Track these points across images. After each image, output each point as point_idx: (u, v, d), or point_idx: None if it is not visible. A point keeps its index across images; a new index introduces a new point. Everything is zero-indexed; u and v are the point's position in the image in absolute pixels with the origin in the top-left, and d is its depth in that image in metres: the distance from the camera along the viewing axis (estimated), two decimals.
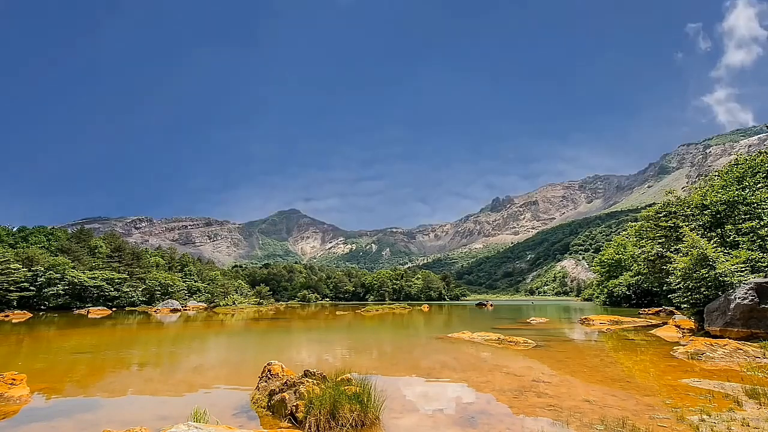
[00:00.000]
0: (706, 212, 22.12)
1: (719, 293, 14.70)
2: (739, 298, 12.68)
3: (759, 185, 21.06)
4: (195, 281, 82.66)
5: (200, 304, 61.99)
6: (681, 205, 24.65)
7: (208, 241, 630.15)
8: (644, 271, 33.26)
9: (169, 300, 56.93)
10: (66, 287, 50.76)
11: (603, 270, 58.22)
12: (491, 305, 58.83)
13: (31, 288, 47.88)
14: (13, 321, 31.36)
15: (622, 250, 55.13)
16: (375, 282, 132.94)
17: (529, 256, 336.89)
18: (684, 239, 18.10)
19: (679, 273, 16.99)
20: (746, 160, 24.48)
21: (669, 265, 19.37)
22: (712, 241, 17.24)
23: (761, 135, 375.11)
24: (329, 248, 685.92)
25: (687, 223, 22.35)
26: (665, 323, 19.31)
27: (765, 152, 24.13)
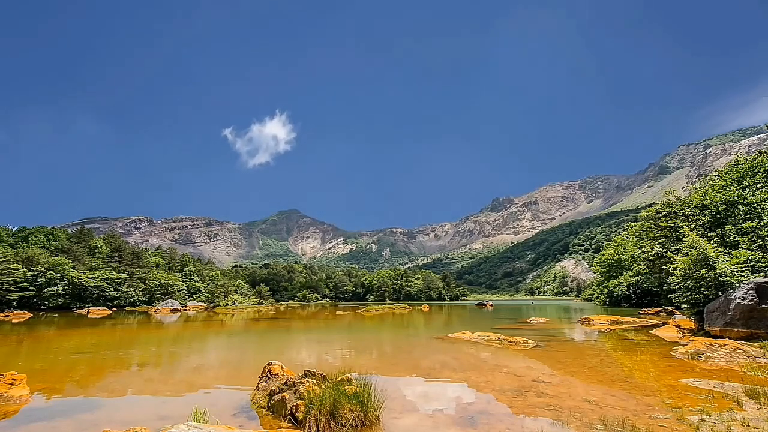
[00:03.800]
0: (706, 212, 22.14)
1: (719, 293, 14.72)
2: (739, 298, 12.68)
3: (759, 185, 21.07)
4: (195, 281, 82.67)
5: (200, 304, 61.98)
6: (681, 205, 24.69)
7: (208, 241, 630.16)
8: (644, 271, 33.33)
9: (169, 300, 56.91)
10: (66, 287, 50.78)
11: (603, 270, 58.24)
12: (491, 305, 58.81)
13: (31, 288, 47.91)
14: (13, 321, 31.35)
15: (622, 250, 55.17)
16: (375, 282, 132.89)
17: (529, 256, 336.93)
18: (684, 239, 18.12)
19: (679, 273, 17.00)
20: (746, 160, 24.49)
21: (669, 265, 19.39)
22: (712, 241, 17.28)
23: (761, 135, 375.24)
24: (329, 248, 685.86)
25: (687, 223, 22.38)
26: (665, 323, 19.27)
27: (765, 152, 24.12)
